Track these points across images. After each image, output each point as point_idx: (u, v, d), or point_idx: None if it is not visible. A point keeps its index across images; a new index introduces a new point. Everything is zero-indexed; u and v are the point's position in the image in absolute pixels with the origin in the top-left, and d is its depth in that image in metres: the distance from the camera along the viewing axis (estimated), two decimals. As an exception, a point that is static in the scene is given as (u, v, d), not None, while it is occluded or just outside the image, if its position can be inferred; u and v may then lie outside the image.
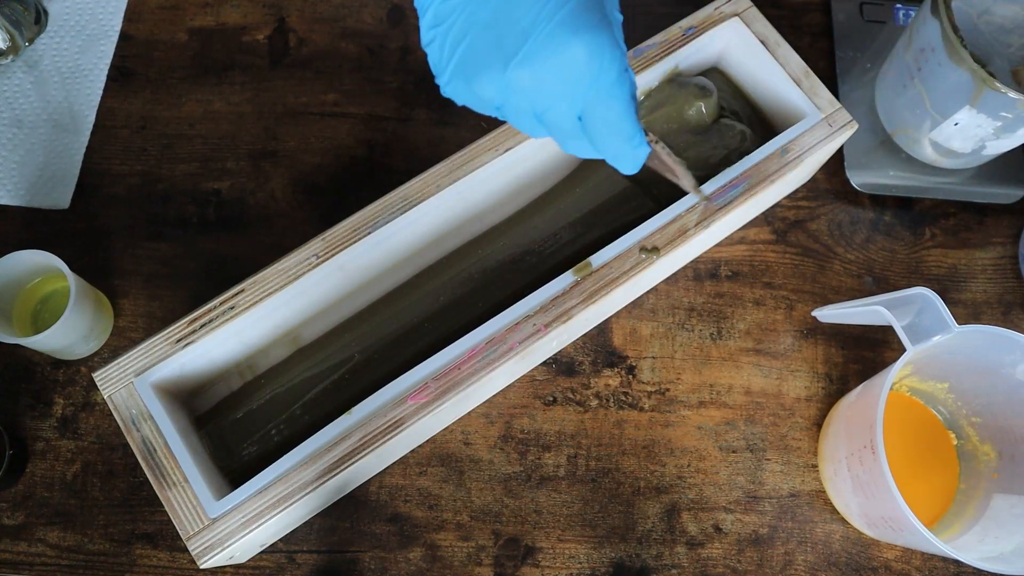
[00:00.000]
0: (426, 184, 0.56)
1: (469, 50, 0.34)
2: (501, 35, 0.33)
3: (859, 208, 0.67)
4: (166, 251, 0.64)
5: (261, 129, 0.68)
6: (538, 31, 0.33)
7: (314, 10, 0.72)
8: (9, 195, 0.65)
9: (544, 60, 0.33)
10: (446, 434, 0.60)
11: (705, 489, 0.59)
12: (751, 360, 0.63)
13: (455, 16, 0.34)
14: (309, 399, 0.57)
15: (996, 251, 0.67)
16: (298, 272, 0.54)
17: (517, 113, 0.36)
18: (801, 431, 0.61)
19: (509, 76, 0.34)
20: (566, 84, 0.34)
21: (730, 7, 0.62)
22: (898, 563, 0.58)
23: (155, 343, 0.52)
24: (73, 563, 0.56)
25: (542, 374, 0.62)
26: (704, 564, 0.58)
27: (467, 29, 0.34)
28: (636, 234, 0.55)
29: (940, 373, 0.58)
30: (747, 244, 0.66)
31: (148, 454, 0.50)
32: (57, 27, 0.70)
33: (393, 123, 0.69)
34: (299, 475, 0.50)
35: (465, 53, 0.34)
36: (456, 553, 0.57)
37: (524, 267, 0.60)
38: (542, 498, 0.59)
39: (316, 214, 0.66)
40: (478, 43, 0.34)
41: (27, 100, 0.68)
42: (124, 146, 0.67)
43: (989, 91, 0.55)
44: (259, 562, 0.57)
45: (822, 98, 0.59)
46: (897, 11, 0.72)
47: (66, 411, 0.60)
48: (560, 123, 0.35)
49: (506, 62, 0.33)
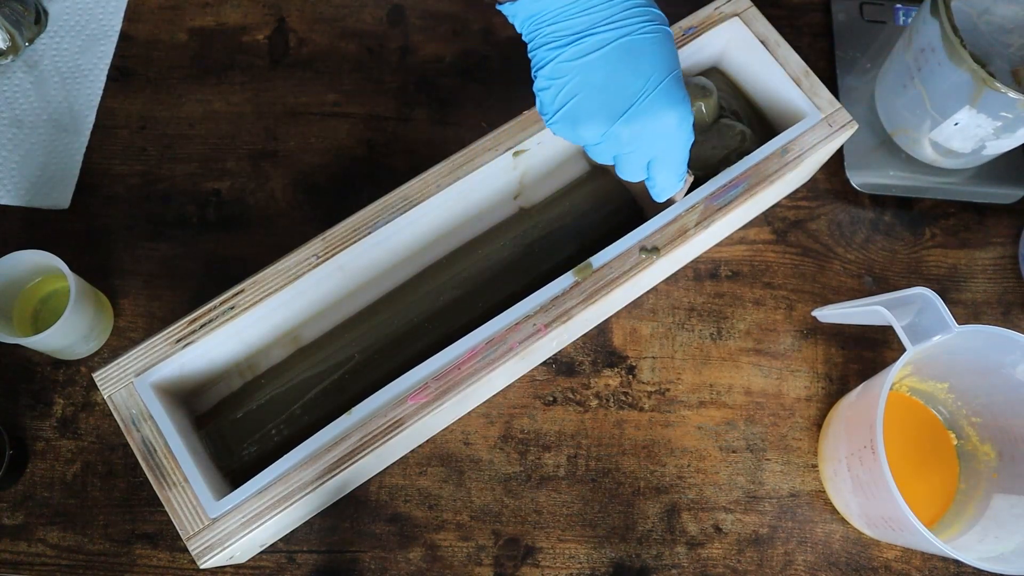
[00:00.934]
0: (426, 184, 0.56)
1: (580, 103, 0.43)
2: (610, 97, 0.42)
3: (859, 208, 0.67)
4: (166, 251, 0.64)
5: (261, 129, 0.68)
6: (642, 99, 0.42)
7: (314, 10, 0.72)
8: (9, 195, 0.65)
9: (645, 122, 0.43)
10: (446, 434, 0.60)
11: (705, 489, 0.59)
12: (751, 360, 0.63)
13: (572, 75, 0.42)
14: (309, 399, 0.57)
15: (996, 251, 0.67)
16: (298, 272, 0.54)
17: (605, 153, 0.45)
18: (801, 431, 0.61)
19: (614, 129, 0.43)
20: (655, 139, 0.44)
21: (730, 7, 0.62)
22: (898, 563, 0.58)
23: (155, 343, 0.52)
24: (73, 563, 0.56)
25: (542, 374, 0.62)
26: (704, 564, 0.58)
27: (581, 87, 0.42)
28: (636, 234, 0.55)
29: (940, 373, 0.58)
30: (747, 244, 0.66)
31: (148, 454, 0.50)
32: (57, 27, 0.70)
33: (393, 123, 0.69)
34: (299, 475, 0.50)
35: (577, 105, 0.43)
36: (456, 553, 0.57)
37: (524, 267, 0.60)
38: (542, 498, 0.59)
39: (316, 214, 0.66)
40: (589, 100, 0.42)
41: (27, 100, 0.68)
42: (124, 146, 0.67)
43: (989, 91, 0.55)
44: (259, 562, 0.57)
45: (822, 98, 0.59)
46: (897, 11, 0.72)
47: (66, 411, 0.60)
48: (635, 162, 0.46)
49: (613, 119, 0.43)
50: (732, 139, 0.60)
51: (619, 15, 0.41)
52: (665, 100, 0.43)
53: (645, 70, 0.42)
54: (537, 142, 0.58)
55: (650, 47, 0.42)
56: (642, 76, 0.42)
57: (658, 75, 0.42)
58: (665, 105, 0.43)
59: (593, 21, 0.41)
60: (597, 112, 0.43)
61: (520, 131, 0.57)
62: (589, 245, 0.60)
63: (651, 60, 0.42)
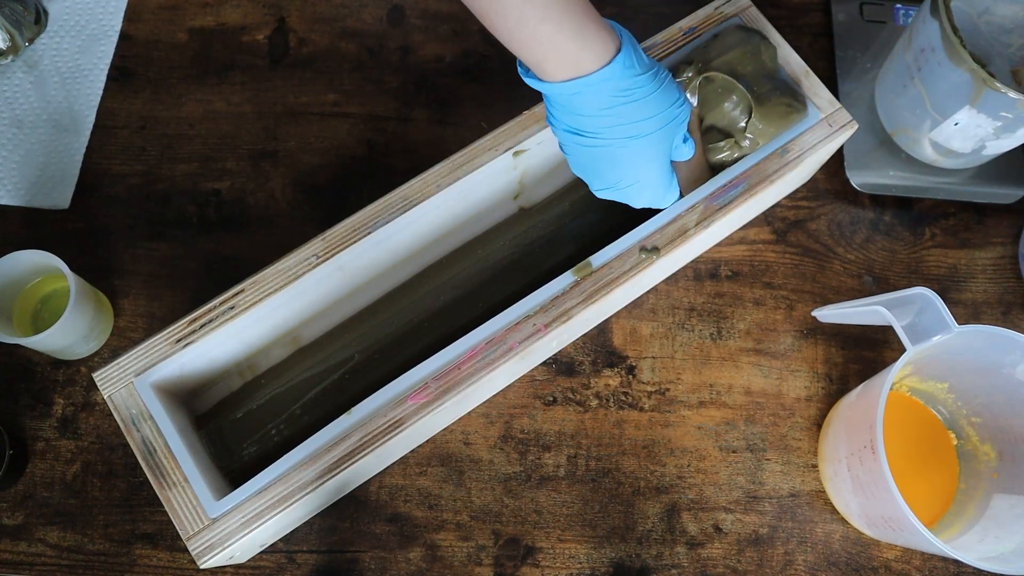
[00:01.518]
0: (426, 184, 0.56)
1: (576, 170, 0.53)
2: (589, 176, 0.53)
3: (859, 208, 0.67)
4: (166, 251, 0.64)
5: (261, 129, 0.68)
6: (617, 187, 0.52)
7: (314, 10, 0.72)
8: (9, 195, 0.65)
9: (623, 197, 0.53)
10: (446, 434, 0.60)
11: (705, 489, 0.59)
12: (751, 360, 0.63)
13: (565, 151, 0.52)
14: (309, 399, 0.57)
15: (996, 251, 0.67)
16: (298, 272, 0.54)
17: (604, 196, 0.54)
18: (801, 431, 0.61)
19: (599, 193, 0.54)
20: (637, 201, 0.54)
21: (730, 7, 0.62)
22: (898, 563, 0.58)
23: (155, 343, 0.52)
24: (73, 563, 0.56)
25: (542, 374, 0.62)
26: (704, 564, 0.58)
27: (573, 162, 0.53)
28: (636, 234, 0.55)
29: (940, 373, 0.58)
30: (747, 244, 0.66)
31: (148, 454, 0.50)
32: (57, 27, 0.70)
33: (393, 123, 0.69)
34: (299, 475, 0.50)
35: (572, 164, 0.53)
36: (456, 553, 0.57)
37: (524, 267, 0.60)
38: (542, 498, 0.59)
39: (316, 214, 0.66)
40: (580, 170, 0.53)
41: (27, 100, 0.68)
42: (124, 146, 0.67)
43: (989, 91, 0.55)
44: (259, 562, 0.57)
45: (822, 98, 0.59)
46: (897, 11, 0.72)
47: (66, 411, 0.60)
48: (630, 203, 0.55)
49: (595, 188, 0.53)
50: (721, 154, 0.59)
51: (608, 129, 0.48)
52: (637, 191, 0.52)
53: (621, 170, 0.51)
54: (537, 142, 0.58)
55: (627, 154, 0.50)
56: (617, 172, 0.51)
57: (629, 177, 0.51)
58: (637, 194, 0.53)
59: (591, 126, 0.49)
60: (586, 178, 0.53)
61: (520, 131, 0.57)
62: (589, 245, 0.60)
63: (626, 164, 0.50)
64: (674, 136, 0.51)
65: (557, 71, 0.46)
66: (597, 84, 0.46)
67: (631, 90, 0.47)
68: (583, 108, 0.48)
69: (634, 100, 0.48)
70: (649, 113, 0.48)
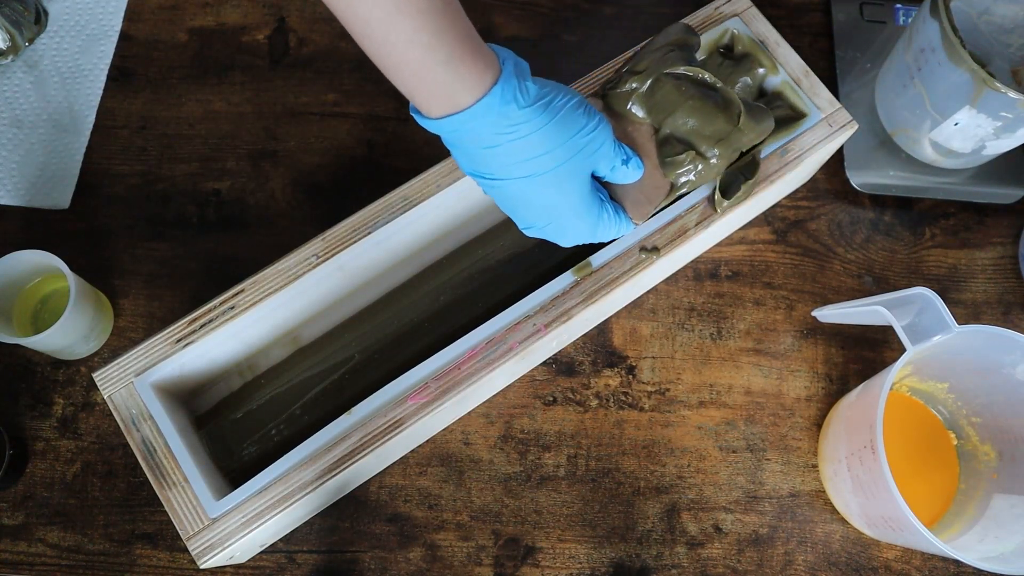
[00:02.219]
0: (426, 184, 0.56)
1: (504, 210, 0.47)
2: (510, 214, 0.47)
3: (859, 208, 0.67)
4: (166, 251, 0.64)
5: (261, 129, 0.68)
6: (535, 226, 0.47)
7: (314, 10, 0.72)
8: (9, 195, 0.65)
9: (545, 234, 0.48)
10: (446, 434, 0.60)
11: (705, 489, 0.59)
12: (751, 360, 0.63)
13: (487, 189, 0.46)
14: (309, 399, 0.57)
15: (996, 251, 0.67)
16: (298, 272, 0.54)
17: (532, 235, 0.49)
18: (801, 431, 0.61)
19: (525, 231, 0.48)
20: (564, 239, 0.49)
21: (730, 7, 0.62)
22: (898, 563, 0.58)
23: (155, 343, 0.52)
24: (73, 563, 0.56)
25: (542, 374, 0.62)
26: (704, 564, 0.58)
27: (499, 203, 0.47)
28: (636, 234, 0.55)
29: (940, 373, 0.58)
30: (747, 244, 0.66)
31: (148, 454, 0.50)
32: (57, 27, 0.70)
33: (393, 123, 0.69)
34: (299, 475, 0.50)
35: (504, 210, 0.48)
36: (456, 553, 0.57)
37: (524, 267, 0.60)
38: (542, 498, 0.59)
39: (316, 214, 0.66)
40: (503, 209, 0.47)
41: (27, 100, 0.68)
42: (124, 146, 0.67)
43: (989, 91, 0.55)
44: (259, 562, 0.57)
45: (822, 98, 0.59)
46: (897, 11, 0.72)
47: (66, 411, 0.60)
48: None
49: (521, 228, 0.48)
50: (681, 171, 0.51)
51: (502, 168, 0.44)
52: (555, 231, 0.48)
53: (532, 211, 0.46)
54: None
55: (530, 194, 0.45)
56: (530, 213, 0.47)
57: (543, 218, 0.47)
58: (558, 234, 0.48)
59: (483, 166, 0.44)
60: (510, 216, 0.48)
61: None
62: (589, 245, 0.60)
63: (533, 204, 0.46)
64: (587, 168, 0.46)
65: (431, 106, 0.41)
66: (472, 121, 0.41)
67: (516, 125, 0.42)
68: (467, 147, 0.43)
69: (521, 137, 0.42)
70: (543, 149, 0.43)
